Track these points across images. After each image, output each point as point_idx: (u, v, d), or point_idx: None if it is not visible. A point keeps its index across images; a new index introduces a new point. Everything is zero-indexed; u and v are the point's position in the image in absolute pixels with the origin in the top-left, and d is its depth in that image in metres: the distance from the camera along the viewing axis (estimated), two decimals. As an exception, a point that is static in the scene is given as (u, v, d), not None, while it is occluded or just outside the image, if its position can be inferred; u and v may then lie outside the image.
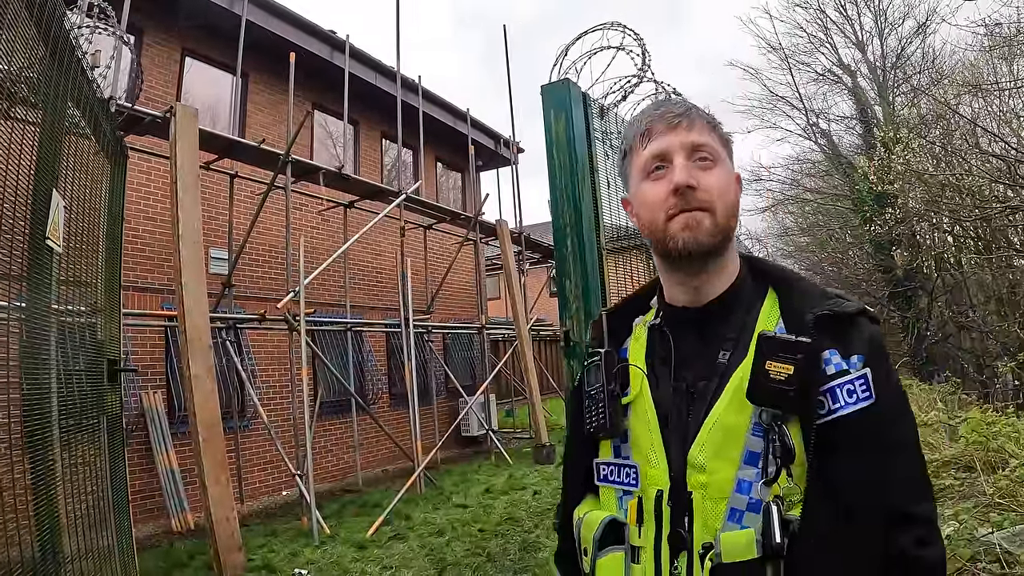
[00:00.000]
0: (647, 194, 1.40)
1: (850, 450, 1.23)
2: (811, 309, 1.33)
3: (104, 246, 4.38)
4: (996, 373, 12.60)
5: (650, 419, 1.39)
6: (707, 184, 1.35)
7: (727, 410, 1.30)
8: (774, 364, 1.25)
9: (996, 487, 6.13)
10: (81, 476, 3.53)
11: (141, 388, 9.49)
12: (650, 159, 1.40)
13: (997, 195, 11.44)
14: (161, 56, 10.78)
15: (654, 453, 1.36)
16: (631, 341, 1.55)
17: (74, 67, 3.30)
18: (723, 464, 1.27)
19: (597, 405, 1.45)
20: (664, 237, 1.36)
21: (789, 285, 1.44)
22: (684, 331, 1.44)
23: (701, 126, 1.41)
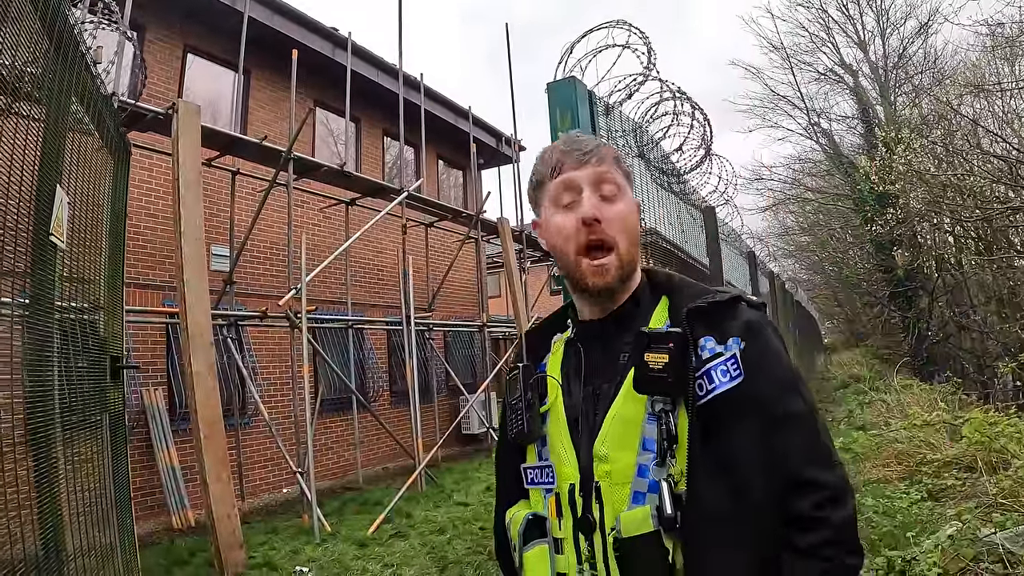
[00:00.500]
0: (557, 224, 1.51)
1: (732, 426, 1.33)
2: (688, 304, 1.46)
3: (107, 243, 4.37)
4: (997, 374, 12.59)
5: (561, 424, 1.50)
6: (610, 216, 1.47)
7: (624, 404, 1.42)
8: (651, 355, 1.37)
9: (999, 487, 6.12)
10: (84, 473, 3.52)
11: (142, 385, 9.49)
12: (561, 190, 1.52)
13: (998, 196, 11.43)
14: (163, 52, 10.77)
15: (565, 452, 1.47)
16: (550, 356, 1.67)
17: (78, 62, 3.28)
18: (624, 452, 1.39)
19: (516, 414, 1.56)
20: (576, 276, 1.50)
21: (677, 291, 1.56)
22: (592, 342, 1.57)
23: (608, 162, 1.53)
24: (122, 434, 4.58)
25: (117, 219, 4.65)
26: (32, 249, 2.81)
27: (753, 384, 1.35)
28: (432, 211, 14.60)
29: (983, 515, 5.56)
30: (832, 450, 1.38)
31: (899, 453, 8.98)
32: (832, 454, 1.37)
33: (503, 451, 1.73)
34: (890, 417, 11.51)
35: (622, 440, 1.40)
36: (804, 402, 1.39)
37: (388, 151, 16.28)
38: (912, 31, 23.09)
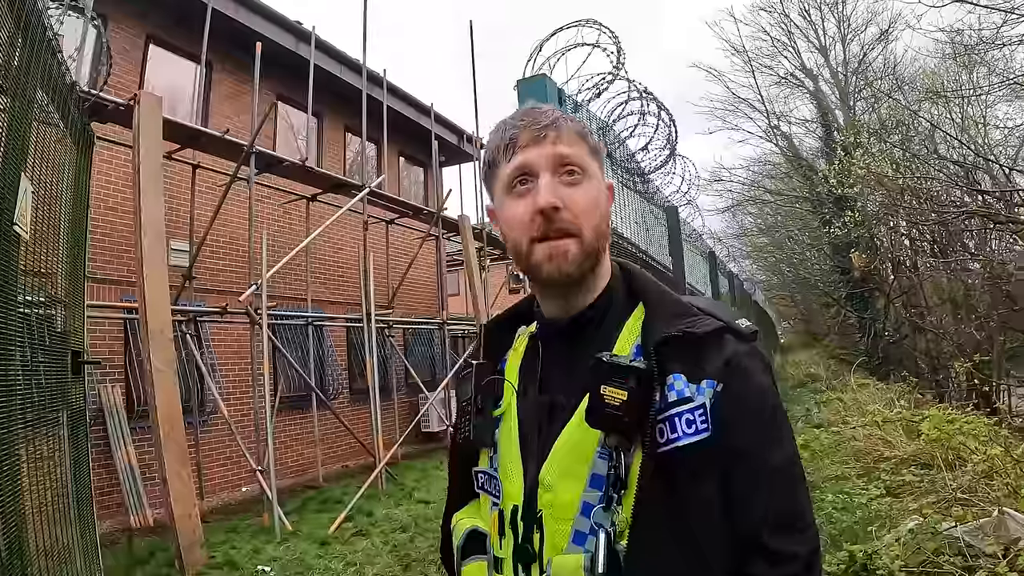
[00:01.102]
0: (511, 213, 1.31)
1: (692, 482, 1.15)
2: (663, 329, 1.24)
3: (69, 235, 4.28)
4: (951, 374, 12.83)
5: (512, 433, 1.36)
6: (573, 202, 1.27)
7: (577, 429, 1.23)
8: (609, 389, 1.18)
9: (958, 483, 6.24)
10: (46, 471, 3.45)
11: (100, 382, 9.33)
12: (514, 172, 1.31)
13: (954, 200, 11.63)
14: (125, 42, 10.61)
15: (513, 468, 1.33)
16: (511, 353, 1.51)
17: (45, 48, 3.21)
18: (569, 484, 1.22)
19: (466, 416, 1.42)
20: (528, 264, 1.30)
21: (652, 302, 1.34)
22: (553, 344, 1.40)
23: (569, 137, 1.32)
24: (84, 430, 4.50)
25: (80, 211, 4.56)
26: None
27: (723, 438, 1.16)
28: (393, 208, 14.53)
29: (943, 510, 5.66)
30: (806, 509, 1.22)
31: (857, 450, 9.11)
32: (805, 514, 1.21)
33: (457, 449, 1.55)
34: (847, 415, 11.67)
35: (570, 470, 1.23)
36: (782, 453, 1.22)
37: (349, 147, 16.20)
38: (873, 37, 23.46)
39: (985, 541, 4.60)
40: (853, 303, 21.67)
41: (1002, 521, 4.68)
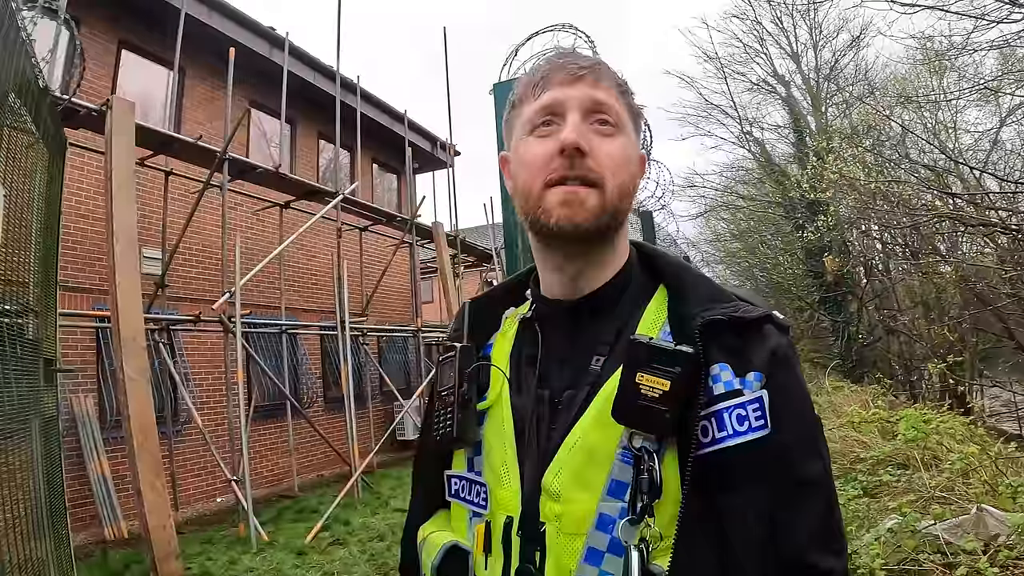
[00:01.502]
0: (528, 152, 1.16)
1: (737, 489, 1.00)
2: (703, 312, 1.08)
3: (41, 242, 4.22)
4: (924, 375, 12.97)
5: (506, 431, 1.17)
6: (603, 152, 1.11)
7: (592, 428, 1.07)
8: (647, 377, 1.02)
9: (935, 482, 6.30)
10: (17, 481, 3.39)
11: (72, 392, 9.21)
12: (539, 111, 1.16)
13: (926, 204, 11.75)
14: (97, 48, 10.49)
15: (506, 472, 1.14)
16: (497, 336, 1.33)
17: (18, 51, 3.16)
18: (582, 493, 1.05)
19: (446, 409, 1.21)
20: (537, 209, 1.13)
21: (682, 282, 1.17)
22: (556, 329, 1.22)
23: (608, 86, 1.17)
24: (56, 440, 4.44)
25: (52, 218, 4.50)
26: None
27: (777, 440, 1.01)
28: (367, 215, 14.47)
29: (921, 508, 5.70)
30: (843, 528, 1.06)
31: (833, 452, 9.17)
32: (843, 534, 1.06)
33: (425, 451, 1.38)
34: (823, 418, 11.74)
35: (582, 476, 1.06)
36: (823, 464, 1.07)
37: (323, 154, 16.12)
38: (845, 44, 23.68)
39: (964, 538, 4.64)
40: (826, 307, 21.83)
41: (980, 518, 4.73)
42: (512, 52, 5.11)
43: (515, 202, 1.22)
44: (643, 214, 6.99)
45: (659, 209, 7.48)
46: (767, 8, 24.04)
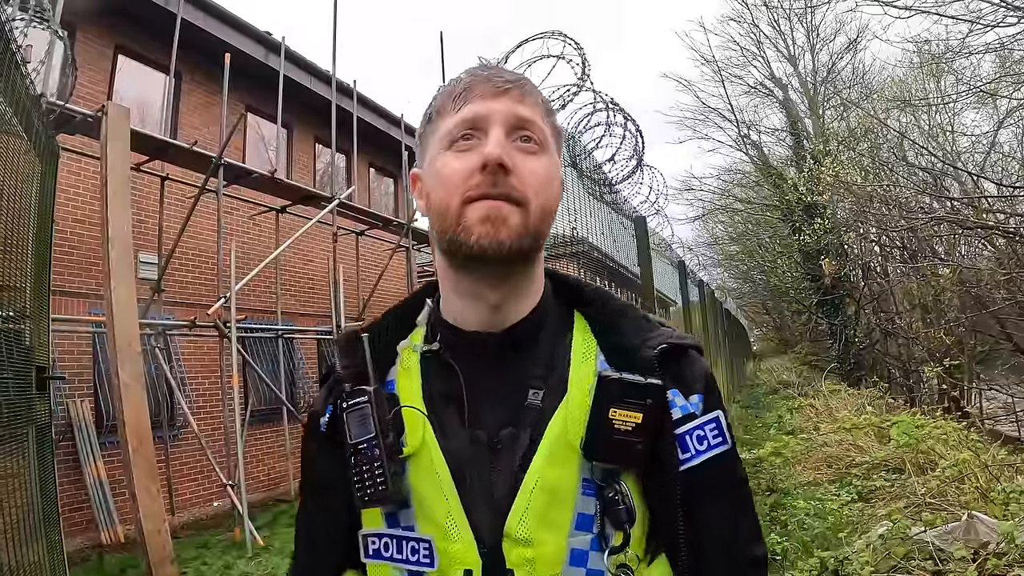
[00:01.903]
0: (446, 167, 1.08)
1: (708, 500, 1.09)
2: (645, 341, 1.12)
3: (33, 249, 4.23)
4: (922, 378, 12.97)
5: (441, 479, 1.06)
6: (526, 170, 1.07)
7: (548, 467, 1.05)
8: (619, 412, 1.04)
9: (927, 487, 6.30)
10: (11, 488, 3.40)
11: (68, 397, 9.22)
12: (460, 124, 1.09)
13: (923, 206, 11.77)
14: (93, 53, 10.50)
15: (453, 524, 1.04)
16: (399, 372, 1.18)
17: (7, 60, 3.18)
18: (551, 534, 1.02)
19: (372, 464, 1.05)
20: (456, 227, 1.05)
21: (609, 311, 1.19)
22: (477, 363, 1.13)
23: (534, 103, 1.12)
24: (49, 447, 4.44)
25: (44, 225, 4.51)
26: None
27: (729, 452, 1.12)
28: (363, 219, 14.46)
29: (913, 514, 5.71)
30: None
31: (829, 456, 9.18)
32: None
33: (316, 508, 1.24)
34: (819, 421, 11.77)
35: (548, 517, 1.03)
36: (743, 468, 1.20)
37: (319, 158, 16.11)
38: (841, 47, 23.78)
39: (955, 545, 4.65)
40: (824, 310, 21.86)
41: (971, 525, 4.73)
42: (502, 59, 5.13)
43: (430, 222, 1.14)
44: (636, 219, 6.98)
45: (653, 214, 7.47)
46: (764, 11, 24.11)
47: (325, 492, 1.20)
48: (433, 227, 1.12)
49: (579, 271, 5.01)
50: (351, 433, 1.08)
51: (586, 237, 5.07)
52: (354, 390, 1.11)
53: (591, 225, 5.19)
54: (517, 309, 1.14)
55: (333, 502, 1.16)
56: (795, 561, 5.75)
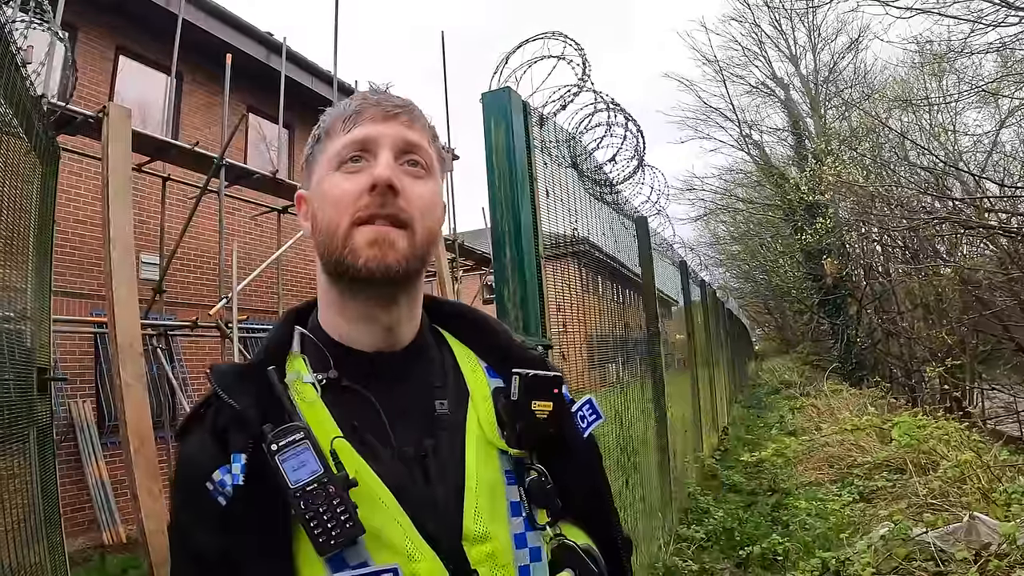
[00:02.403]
0: (335, 188, 1.11)
1: (596, 467, 1.36)
2: (521, 343, 1.28)
3: (34, 250, 4.24)
4: (924, 378, 12.97)
5: (388, 504, 1.03)
6: (413, 193, 1.11)
7: (480, 465, 1.11)
8: (538, 403, 1.14)
9: (929, 488, 6.30)
10: (12, 489, 3.41)
11: (70, 397, 9.24)
12: (349, 145, 1.12)
13: (925, 206, 11.77)
14: (94, 54, 10.52)
15: (412, 545, 1.01)
16: (299, 406, 1.08)
17: (7, 62, 3.19)
18: (498, 526, 1.08)
19: (330, 503, 0.96)
20: (343, 250, 1.08)
21: (477, 319, 1.32)
22: (380, 384, 1.14)
23: (422, 128, 1.18)
24: (50, 448, 4.45)
25: (45, 226, 4.52)
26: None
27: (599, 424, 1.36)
28: (366, 220, 14.43)
29: (914, 515, 5.71)
30: None
31: (830, 456, 9.19)
32: None
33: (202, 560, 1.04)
34: (821, 422, 11.78)
35: (493, 511, 1.08)
36: None
37: (321, 159, 16.13)
38: (843, 47, 23.77)
39: (956, 546, 4.65)
40: (826, 309, 21.87)
41: (973, 526, 4.73)
42: (503, 60, 5.11)
43: (315, 244, 1.15)
44: (637, 219, 7.00)
45: (655, 214, 7.45)
46: (765, 11, 24.13)
47: (199, 544, 1.04)
48: (319, 249, 1.14)
49: (580, 271, 5.02)
50: (289, 478, 0.97)
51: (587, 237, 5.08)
52: (281, 430, 1.00)
53: (592, 225, 5.18)
54: (409, 328, 1.20)
55: (276, 553, 1.01)
56: (796, 561, 5.76)
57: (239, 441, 1.03)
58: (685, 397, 9.39)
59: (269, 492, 0.99)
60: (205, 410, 1.12)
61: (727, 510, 7.54)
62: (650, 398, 6.75)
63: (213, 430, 1.07)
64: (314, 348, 1.18)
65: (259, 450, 1.01)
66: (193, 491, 1.04)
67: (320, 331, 1.20)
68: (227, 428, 1.05)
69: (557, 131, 4.57)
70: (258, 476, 1.00)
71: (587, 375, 5.18)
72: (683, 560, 6.04)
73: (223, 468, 1.03)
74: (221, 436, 1.05)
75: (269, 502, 0.99)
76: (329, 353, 1.16)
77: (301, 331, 1.21)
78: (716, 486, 8.90)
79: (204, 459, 1.05)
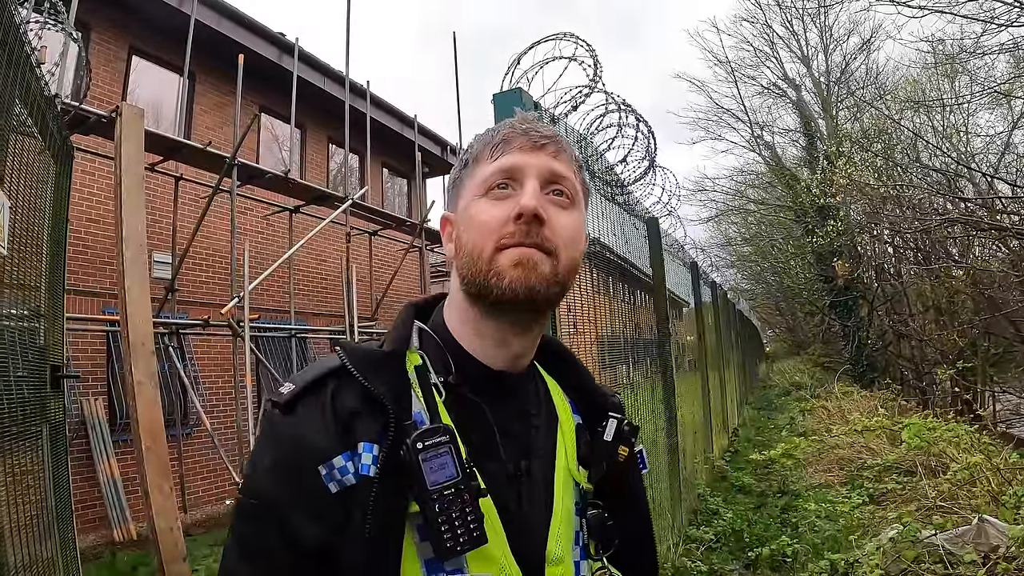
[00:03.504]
0: (482, 213, 1.11)
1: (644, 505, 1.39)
2: (599, 388, 1.33)
3: (48, 248, 4.27)
4: (935, 380, 12.92)
5: (491, 518, 1.03)
6: (559, 224, 1.10)
7: (564, 494, 1.15)
8: (621, 448, 1.21)
9: (938, 491, 6.29)
10: (25, 486, 3.43)
11: (82, 395, 9.28)
12: (497, 172, 1.12)
13: (937, 207, 11.72)
14: (107, 54, 10.58)
15: (505, 559, 1.03)
16: (424, 403, 1.09)
17: (23, 63, 3.21)
18: (567, 551, 1.12)
19: (462, 509, 0.97)
20: (488, 272, 1.07)
21: (559, 357, 1.34)
22: (498, 401, 1.15)
23: (568, 159, 1.17)
24: (63, 445, 4.48)
25: (59, 224, 4.55)
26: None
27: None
28: (376, 219, 14.47)
29: (924, 517, 5.70)
30: None
31: (840, 458, 9.17)
32: None
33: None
34: (831, 423, 11.74)
35: (567, 536, 1.12)
36: None
37: (333, 158, 16.16)
38: (855, 47, 23.68)
39: (965, 549, 4.64)
40: (837, 311, 21.79)
41: (982, 529, 4.72)
42: (514, 61, 5.11)
43: (458, 266, 1.15)
44: (648, 220, 6.99)
45: (665, 215, 7.45)
46: (777, 11, 24.06)
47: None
48: (461, 271, 1.13)
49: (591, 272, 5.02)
50: (428, 479, 0.98)
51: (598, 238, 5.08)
52: (428, 430, 1.01)
53: (603, 226, 5.18)
54: (530, 354, 1.21)
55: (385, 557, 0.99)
56: (805, 563, 5.75)
57: (372, 430, 1.02)
58: (695, 398, 9.39)
59: (396, 488, 0.99)
60: (320, 388, 1.06)
61: (736, 511, 7.54)
62: (660, 399, 6.74)
63: (336, 412, 1.03)
64: (435, 348, 1.18)
65: (397, 444, 1.00)
66: (302, 474, 1.00)
67: (445, 331, 1.19)
68: (356, 413, 1.03)
69: (569, 132, 4.58)
70: (390, 470, 0.99)
71: (598, 376, 5.18)
72: (692, 561, 6.04)
73: (346, 455, 1.00)
74: (347, 420, 1.03)
75: (394, 498, 0.99)
76: (452, 357, 1.16)
77: (422, 327, 1.21)
78: (726, 487, 8.90)
79: (322, 442, 1.01)
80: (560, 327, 3.25)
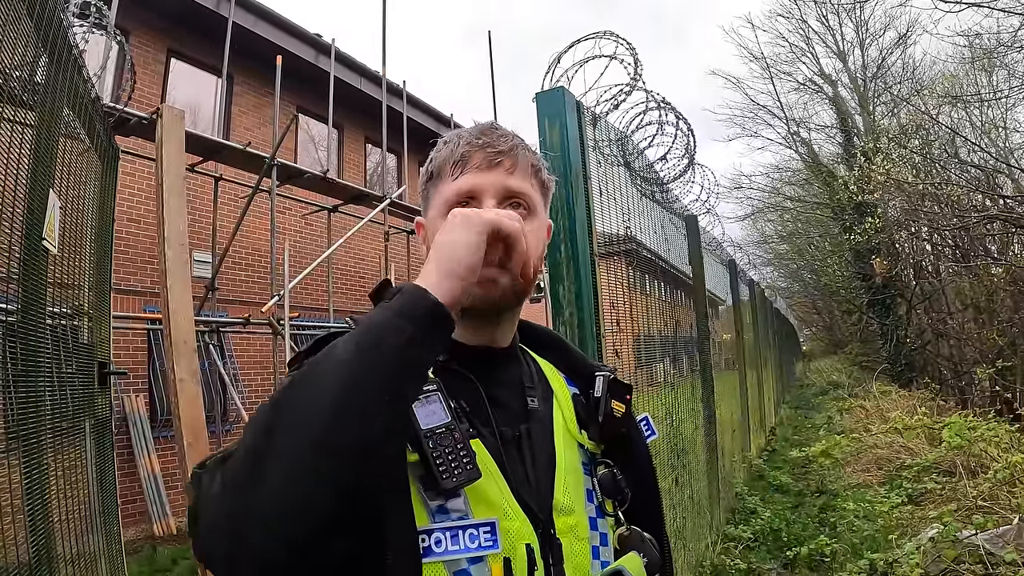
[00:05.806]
0: None
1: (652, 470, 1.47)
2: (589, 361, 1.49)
3: (95, 248, 4.35)
4: (974, 379, 12.75)
5: (490, 469, 1.15)
6: None
7: (566, 451, 1.28)
8: (615, 403, 1.36)
9: (978, 490, 6.21)
10: (72, 480, 3.50)
11: (124, 391, 9.42)
12: (457, 195, 1.26)
13: (975, 204, 11.57)
14: (146, 56, 10.72)
15: (508, 504, 1.14)
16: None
17: (71, 67, 3.28)
18: (579, 504, 1.23)
19: (455, 448, 1.08)
20: None
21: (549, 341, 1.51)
22: (482, 373, 1.27)
23: (523, 169, 1.30)
24: (109, 440, 4.56)
25: (105, 224, 4.63)
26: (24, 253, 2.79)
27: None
28: (414, 218, 14.48)
29: (963, 517, 5.64)
30: None
31: (879, 458, 9.08)
32: None
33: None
34: (869, 423, 11.63)
35: (576, 491, 1.24)
36: None
37: (370, 157, 16.25)
38: (891, 42, 23.38)
39: (1005, 549, 4.59)
40: (875, 309, 21.54)
41: (1022, 529, 4.67)
42: (554, 60, 5.12)
43: None
44: (688, 218, 6.98)
45: (704, 213, 7.43)
46: (812, 7, 23.83)
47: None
48: None
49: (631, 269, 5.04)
50: (420, 422, 1.08)
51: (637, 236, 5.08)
52: (441, 368, 1.22)
53: (643, 224, 5.19)
54: (509, 334, 1.35)
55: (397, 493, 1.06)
56: (844, 563, 5.72)
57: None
58: (733, 397, 9.35)
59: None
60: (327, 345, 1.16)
61: (774, 511, 7.50)
62: (699, 397, 6.73)
63: None
64: None
65: None
66: None
67: None
68: None
69: (609, 130, 4.58)
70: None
71: (638, 373, 5.19)
72: (730, 559, 6.02)
73: None
74: None
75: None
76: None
77: None
78: (763, 487, 8.85)
79: None
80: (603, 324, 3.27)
